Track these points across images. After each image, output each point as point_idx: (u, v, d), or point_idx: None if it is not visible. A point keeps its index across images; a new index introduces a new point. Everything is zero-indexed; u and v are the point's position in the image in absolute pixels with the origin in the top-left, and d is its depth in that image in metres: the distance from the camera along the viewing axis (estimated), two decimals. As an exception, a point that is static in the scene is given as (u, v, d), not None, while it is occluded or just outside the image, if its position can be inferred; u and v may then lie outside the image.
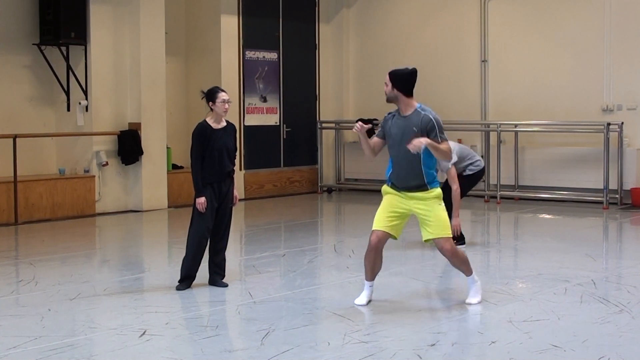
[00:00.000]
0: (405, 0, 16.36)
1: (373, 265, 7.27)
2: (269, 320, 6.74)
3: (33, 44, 13.20)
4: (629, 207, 13.68)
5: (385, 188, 7.35)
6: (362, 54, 16.92)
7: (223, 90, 7.93)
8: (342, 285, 8.21)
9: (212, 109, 7.90)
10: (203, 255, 7.96)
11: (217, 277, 7.99)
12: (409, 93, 7.16)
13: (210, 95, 7.88)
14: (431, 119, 7.03)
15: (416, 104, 7.18)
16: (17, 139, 12.57)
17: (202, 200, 7.77)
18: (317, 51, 16.74)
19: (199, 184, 7.82)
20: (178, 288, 7.87)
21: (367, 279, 7.32)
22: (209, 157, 7.83)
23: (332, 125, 16.62)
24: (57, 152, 13.68)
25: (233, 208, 8.07)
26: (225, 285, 7.95)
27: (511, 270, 9.35)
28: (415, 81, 7.19)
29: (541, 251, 9.99)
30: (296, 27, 16.34)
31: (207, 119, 7.94)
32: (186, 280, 7.92)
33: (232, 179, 8.02)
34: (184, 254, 7.94)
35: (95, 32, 13.25)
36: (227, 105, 7.89)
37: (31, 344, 6.13)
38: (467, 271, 7.30)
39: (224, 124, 7.96)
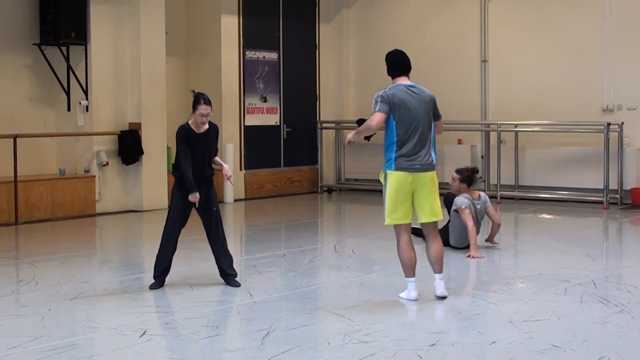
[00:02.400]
0: (406, 0, 16.36)
1: (412, 259, 7.35)
2: (269, 320, 6.74)
3: (33, 44, 13.20)
4: (629, 207, 13.68)
5: (395, 174, 7.30)
6: (362, 54, 16.92)
7: (207, 103, 7.77)
8: (342, 285, 8.21)
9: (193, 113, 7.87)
10: (173, 253, 7.99)
11: (229, 277, 8.01)
12: (391, 74, 7.57)
13: (194, 103, 7.82)
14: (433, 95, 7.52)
15: (406, 82, 7.47)
16: (18, 139, 12.57)
17: (197, 196, 7.77)
18: (317, 51, 16.74)
19: (191, 181, 7.79)
20: (152, 287, 7.90)
21: (409, 276, 7.37)
22: (191, 159, 7.82)
23: (332, 125, 16.62)
24: (58, 152, 13.69)
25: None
26: (238, 285, 7.95)
27: (511, 270, 9.35)
28: (395, 62, 7.59)
29: (541, 251, 9.99)
30: (296, 27, 16.34)
31: (190, 122, 7.90)
32: (159, 278, 7.96)
33: (211, 182, 8.01)
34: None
35: (96, 32, 13.25)
36: (204, 119, 7.80)
37: (31, 344, 6.13)
38: (440, 267, 7.42)
39: (205, 127, 7.91)
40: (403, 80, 7.44)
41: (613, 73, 14.20)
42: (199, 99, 7.81)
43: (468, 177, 9.98)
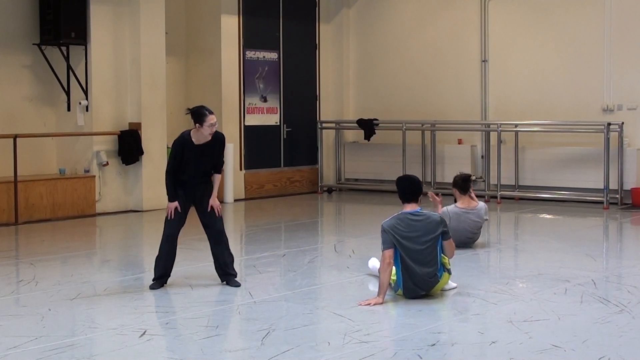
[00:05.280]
0: (406, 0, 16.35)
1: None
2: (269, 320, 6.74)
3: (33, 44, 13.20)
4: (629, 207, 13.68)
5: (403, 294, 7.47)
6: (362, 54, 16.92)
7: (211, 113, 7.76)
8: (342, 285, 8.21)
9: (197, 128, 7.79)
10: (175, 253, 8.02)
11: (229, 277, 8.02)
12: (404, 200, 7.46)
13: (198, 117, 7.72)
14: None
15: (415, 208, 7.44)
16: (18, 139, 12.57)
17: (174, 205, 7.83)
18: (317, 51, 16.74)
19: (171, 191, 7.87)
20: (152, 287, 7.91)
21: None
22: (182, 169, 7.85)
23: (332, 125, 16.62)
24: (58, 152, 13.68)
25: (223, 208, 8.10)
26: (238, 285, 7.96)
27: (511, 270, 9.35)
28: (408, 189, 7.48)
29: (541, 251, 9.99)
30: (296, 27, 16.34)
31: (192, 133, 7.84)
32: (160, 279, 7.97)
33: (208, 183, 8.00)
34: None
35: (96, 32, 13.25)
36: (213, 129, 7.77)
37: (31, 344, 6.13)
38: None
39: (206, 139, 7.84)
40: (411, 207, 7.42)
41: (613, 73, 14.19)
42: (203, 110, 7.73)
43: (456, 182, 9.79)
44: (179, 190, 7.88)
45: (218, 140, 7.92)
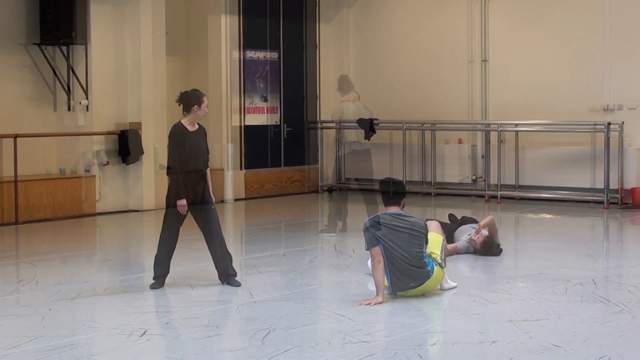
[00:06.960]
0: (405, 0, 16.35)
1: None
2: (270, 320, 6.74)
3: (33, 44, 13.20)
4: (629, 206, 13.68)
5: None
6: (362, 54, 16.91)
7: (204, 94, 8.05)
8: (343, 285, 8.22)
9: (186, 113, 7.95)
10: (173, 252, 8.04)
11: (229, 277, 8.03)
12: (386, 203, 7.52)
13: (196, 98, 7.96)
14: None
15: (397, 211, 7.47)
16: (18, 139, 12.57)
17: (183, 202, 7.85)
18: (317, 51, 16.73)
19: (179, 186, 7.88)
20: (152, 287, 7.93)
21: None
22: (185, 160, 7.90)
23: (332, 125, 16.59)
24: (58, 152, 13.67)
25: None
26: (238, 285, 7.96)
27: (511, 270, 9.34)
28: (385, 191, 7.52)
29: (541, 251, 9.99)
30: (296, 27, 16.34)
31: (183, 122, 8.00)
32: (160, 277, 7.98)
33: (206, 179, 8.07)
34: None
35: (96, 32, 13.25)
36: (207, 110, 8.07)
37: (31, 344, 6.13)
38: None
39: (196, 126, 8.06)
40: (392, 210, 7.44)
41: (613, 73, 14.19)
42: (198, 93, 8.01)
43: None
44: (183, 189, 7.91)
45: (203, 130, 8.15)
